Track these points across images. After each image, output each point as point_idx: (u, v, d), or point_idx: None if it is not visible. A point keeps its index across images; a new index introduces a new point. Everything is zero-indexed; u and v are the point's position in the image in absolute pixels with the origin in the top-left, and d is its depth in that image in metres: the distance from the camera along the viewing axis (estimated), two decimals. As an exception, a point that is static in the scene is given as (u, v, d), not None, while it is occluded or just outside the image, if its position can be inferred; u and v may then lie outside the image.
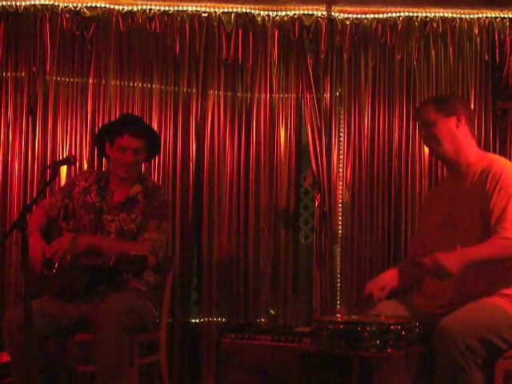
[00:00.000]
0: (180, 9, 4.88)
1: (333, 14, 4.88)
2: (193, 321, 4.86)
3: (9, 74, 4.76)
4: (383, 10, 4.90)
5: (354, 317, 3.09)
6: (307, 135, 4.88)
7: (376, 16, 4.90)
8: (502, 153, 4.64)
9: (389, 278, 3.27)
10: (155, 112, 4.85)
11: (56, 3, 4.78)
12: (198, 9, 4.88)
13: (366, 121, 4.87)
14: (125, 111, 4.77)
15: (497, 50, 4.83)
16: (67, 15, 4.79)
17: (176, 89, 4.88)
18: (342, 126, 4.88)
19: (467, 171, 3.17)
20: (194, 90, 4.87)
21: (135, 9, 4.85)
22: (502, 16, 4.84)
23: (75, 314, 3.62)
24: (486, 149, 4.54)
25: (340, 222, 4.85)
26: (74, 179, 3.97)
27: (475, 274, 3.05)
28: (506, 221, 2.97)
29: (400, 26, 4.89)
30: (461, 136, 3.18)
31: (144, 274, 3.71)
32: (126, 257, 3.45)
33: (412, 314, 3.08)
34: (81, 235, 3.68)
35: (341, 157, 4.87)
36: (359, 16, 4.90)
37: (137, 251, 3.56)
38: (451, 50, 4.86)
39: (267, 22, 4.92)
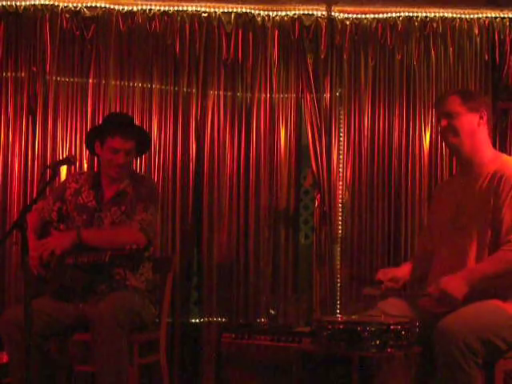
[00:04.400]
0: (180, 9, 4.88)
1: (333, 13, 4.88)
2: (193, 321, 4.86)
3: (9, 73, 4.76)
4: (383, 10, 4.90)
5: (354, 317, 3.09)
6: (307, 135, 4.88)
7: (376, 16, 4.90)
8: (502, 153, 4.64)
9: (402, 272, 3.27)
10: (155, 112, 4.85)
11: (56, 3, 4.79)
12: (198, 9, 4.89)
13: (366, 121, 4.87)
14: (125, 111, 4.77)
15: (497, 50, 4.84)
16: (67, 15, 4.80)
17: (176, 89, 4.88)
18: (341, 126, 4.88)
19: (480, 171, 3.13)
20: (193, 90, 4.88)
21: (135, 9, 4.85)
22: (501, 16, 4.85)
23: (74, 313, 3.62)
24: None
25: (340, 222, 4.85)
26: (65, 182, 3.98)
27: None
28: None
29: (400, 25, 4.89)
30: (479, 134, 3.14)
31: (140, 267, 3.74)
32: (121, 251, 3.46)
33: (415, 314, 3.08)
34: (66, 233, 3.68)
35: (341, 157, 4.87)
36: (359, 16, 4.91)
37: (125, 234, 3.64)
38: (451, 50, 4.86)
39: (267, 21, 4.92)
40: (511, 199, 3.00)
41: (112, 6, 4.84)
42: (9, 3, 4.76)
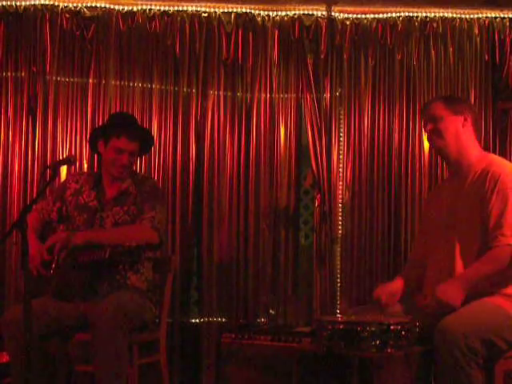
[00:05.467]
0: (180, 9, 4.88)
1: (333, 14, 4.88)
2: (193, 321, 4.86)
3: (9, 73, 4.76)
4: (383, 9, 4.90)
5: (353, 317, 3.09)
6: (307, 135, 4.88)
7: (376, 16, 4.90)
8: (502, 153, 4.65)
9: (397, 287, 3.29)
10: (155, 112, 4.85)
11: (56, 3, 4.78)
12: (198, 9, 4.89)
13: (366, 121, 4.87)
14: (125, 111, 4.76)
15: (497, 50, 4.83)
16: (67, 15, 4.79)
17: (176, 89, 4.88)
18: (341, 126, 4.88)
19: (468, 171, 3.19)
20: (193, 90, 4.88)
21: (135, 9, 4.85)
22: (501, 16, 4.85)
23: (74, 313, 3.62)
24: (486, 149, 4.53)
25: (340, 222, 4.85)
26: (65, 182, 3.98)
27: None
28: (505, 226, 2.98)
29: (400, 25, 4.89)
30: (465, 136, 3.21)
31: (140, 264, 3.75)
32: (121, 248, 3.46)
33: (414, 314, 3.08)
34: (76, 232, 3.69)
35: (341, 157, 4.87)
36: (359, 16, 4.91)
37: (139, 232, 3.66)
38: (451, 50, 4.86)
39: (267, 21, 4.92)
40: (497, 195, 3.04)
41: (112, 6, 4.84)
42: (9, 3, 4.76)
